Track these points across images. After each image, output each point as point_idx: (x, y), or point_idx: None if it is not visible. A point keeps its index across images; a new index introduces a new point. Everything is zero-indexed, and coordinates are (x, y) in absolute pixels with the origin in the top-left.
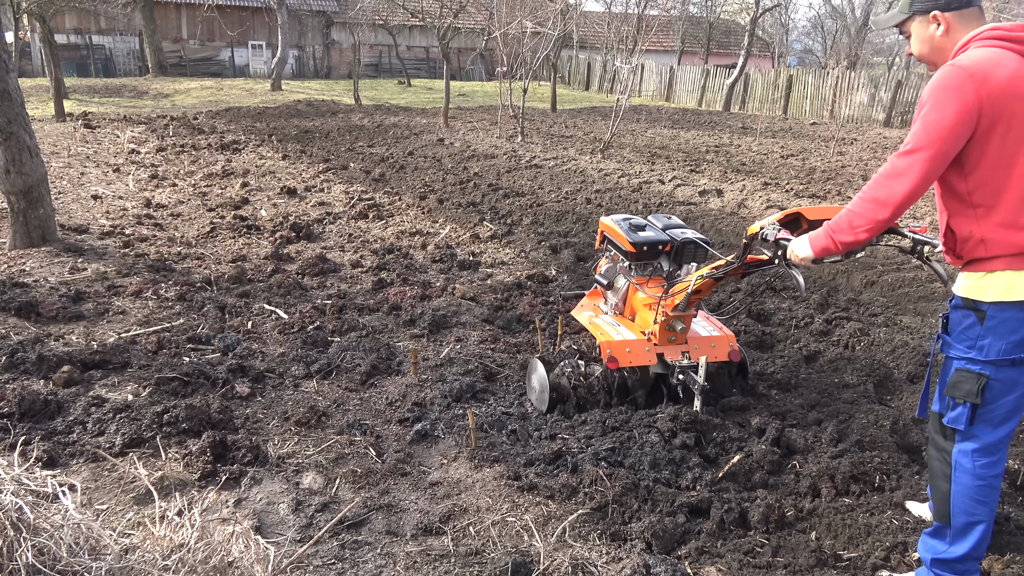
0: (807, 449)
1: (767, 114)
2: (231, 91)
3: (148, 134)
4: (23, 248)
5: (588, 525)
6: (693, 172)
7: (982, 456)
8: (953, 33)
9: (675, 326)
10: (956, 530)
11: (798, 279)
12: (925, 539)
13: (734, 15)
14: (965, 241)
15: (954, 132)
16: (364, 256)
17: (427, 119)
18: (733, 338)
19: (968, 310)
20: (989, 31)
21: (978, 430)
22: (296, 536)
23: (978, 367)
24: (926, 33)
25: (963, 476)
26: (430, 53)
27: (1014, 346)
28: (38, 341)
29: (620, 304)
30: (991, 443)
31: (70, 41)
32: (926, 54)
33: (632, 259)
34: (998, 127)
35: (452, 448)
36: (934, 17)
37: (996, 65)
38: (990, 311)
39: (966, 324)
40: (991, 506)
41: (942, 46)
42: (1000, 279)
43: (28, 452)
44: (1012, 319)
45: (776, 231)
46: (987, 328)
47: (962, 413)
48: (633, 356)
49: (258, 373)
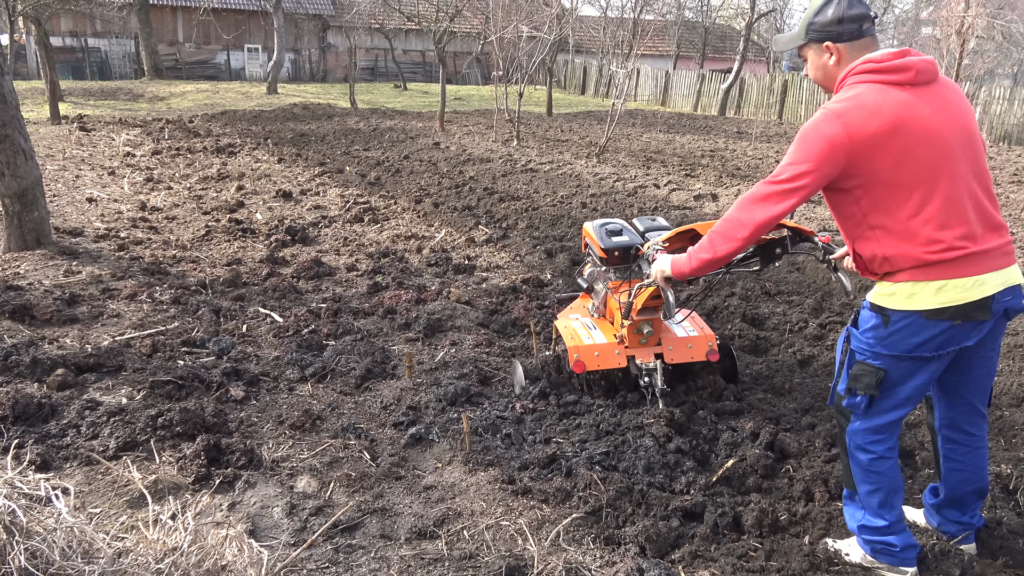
0: (801, 453)
1: (762, 119)
2: (227, 94)
3: (143, 137)
4: (17, 251)
5: (582, 529)
6: (688, 176)
7: (872, 434)
8: (844, 62)
9: (642, 329)
10: (863, 497)
11: (668, 300)
12: (845, 508)
13: (729, 20)
14: (872, 261)
15: (819, 171)
16: (359, 260)
17: (423, 123)
18: (713, 338)
19: (876, 313)
20: (861, 65)
21: (871, 413)
22: (290, 540)
23: (878, 362)
24: (820, 60)
25: (856, 451)
26: (426, 57)
27: (913, 347)
28: (32, 344)
29: (601, 306)
30: (881, 425)
31: (66, 44)
32: (820, 79)
33: (605, 264)
34: (877, 157)
35: (446, 452)
36: (827, 47)
37: (862, 106)
38: (894, 316)
39: (873, 324)
40: (887, 475)
41: (834, 74)
42: (904, 289)
43: (21, 455)
44: (913, 324)
45: (657, 250)
46: (890, 331)
47: (861, 400)
48: (601, 360)
49: (252, 377)
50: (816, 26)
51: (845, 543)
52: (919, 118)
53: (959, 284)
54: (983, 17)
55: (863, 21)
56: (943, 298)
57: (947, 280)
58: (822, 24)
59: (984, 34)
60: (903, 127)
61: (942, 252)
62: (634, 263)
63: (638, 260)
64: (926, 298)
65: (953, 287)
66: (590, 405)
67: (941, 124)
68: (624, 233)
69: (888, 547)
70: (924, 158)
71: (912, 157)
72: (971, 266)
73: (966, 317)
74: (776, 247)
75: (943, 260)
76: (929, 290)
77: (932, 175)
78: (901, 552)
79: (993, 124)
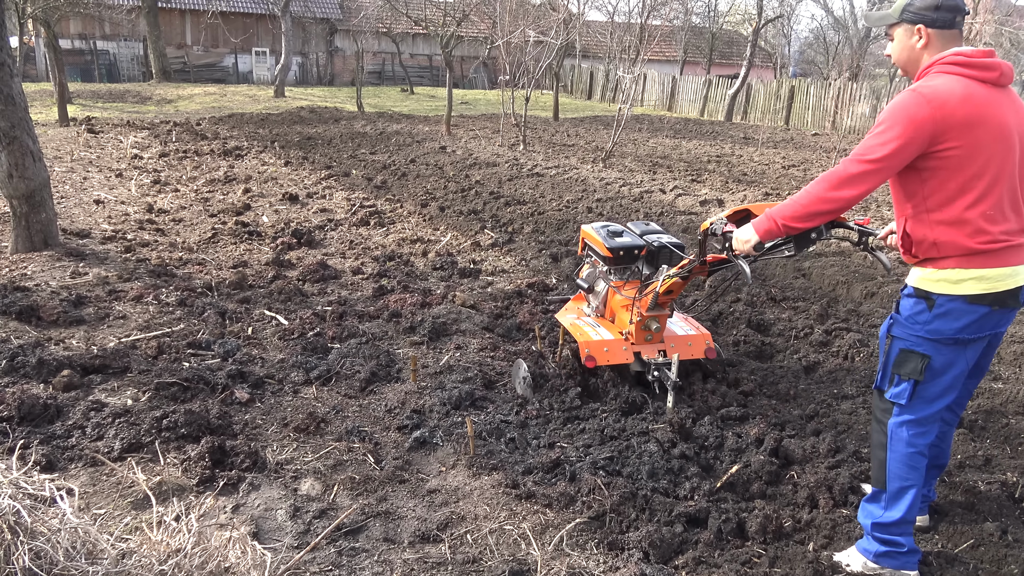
0: (805, 459)
1: (769, 125)
2: (234, 97)
3: (151, 139)
4: (25, 252)
5: (586, 534)
6: (694, 182)
7: (915, 427)
8: (931, 48)
9: (650, 325)
10: (891, 494)
11: (744, 270)
12: (864, 506)
13: (736, 26)
14: (920, 243)
15: (905, 150)
16: (365, 263)
17: (429, 127)
18: (709, 336)
19: (919, 299)
20: (951, 56)
21: (915, 404)
22: (293, 542)
23: (922, 348)
24: (908, 42)
25: (898, 445)
26: (433, 61)
27: (956, 331)
28: (38, 345)
29: (601, 307)
30: (924, 416)
31: (75, 46)
32: (903, 61)
33: (609, 263)
34: (952, 145)
35: (450, 456)
36: (918, 30)
37: (951, 92)
38: (939, 300)
39: (916, 310)
40: (921, 472)
41: (918, 57)
42: (950, 275)
43: (26, 456)
44: (957, 309)
45: (723, 225)
46: (935, 314)
47: (905, 389)
48: (611, 355)
49: (257, 379)
50: (914, 7)
51: (844, 554)
52: (998, 115)
53: (999, 273)
54: (991, 24)
55: (957, 12)
56: (985, 285)
57: (989, 269)
58: (920, 7)
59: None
60: (985, 120)
61: (988, 243)
62: (636, 263)
63: (639, 260)
64: (971, 285)
65: (994, 276)
66: (595, 410)
67: (1011, 125)
68: (625, 235)
69: (895, 547)
70: (994, 153)
71: (985, 150)
72: (1010, 257)
73: (1002, 304)
74: (812, 232)
75: (988, 251)
76: (973, 277)
77: (996, 171)
78: (906, 555)
79: None
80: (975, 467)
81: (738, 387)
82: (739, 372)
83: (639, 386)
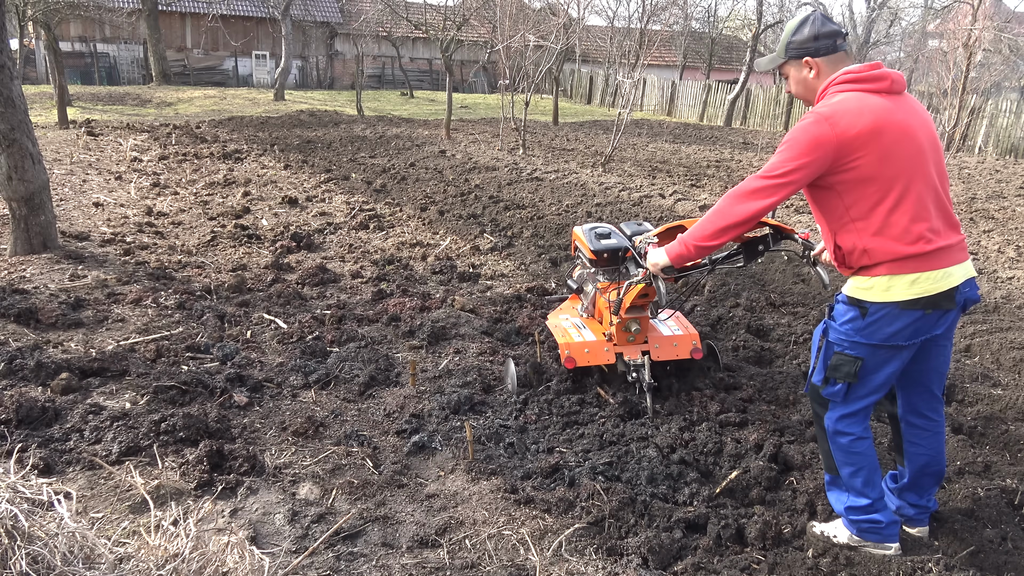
0: (805, 465)
1: (768, 130)
2: (234, 100)
3: (151, 142)
4: (24, 254)
5: (584, 539)
6: (694, 187)
7: (847, 419)
8: (823, 75)
9: (630, 327)
10: (846, 480)
11: (659, 289)
12: (829, 493)
13: (736, 31)
14: (851, 253)
15: (808, 167)
16: (364, 267)
17: (429, 131)
18: (696, 337)
19: (852, 307)
20: (841, 76)
21: (849, 401)
22: (291, 547)
23: (855, 352)
24: (800, 75)
25: (835, 436)
26: (433, 65)
27: (889, 336)
28: (37, 348)
29: (590, 307)
30: (856, 410)
31: (74, 49)
32: (801, 93)
33: (594, 265)
34: (858, 156)
35: (449, 460)
36: (806, 62)
37: (847, 107)
38: (871, 308)
39: (850, 316)
40: (867, 453)
41: (814, 87)
42: (881, 283)
43: (24, 459)
44: (889, 315)
45: (650, 243)
46: (868, 322)
47: (840, 389)
48: (591, 356)
49: (256, 383)
50: (795, 44)
51: (831, 525)
52: (897, 121)
53: (931, 276)
54: (990, 30)
55: (836, 37)
56: (917, 289)
57: (920, 273)
58: (800, 42)
59: (991, 47)
60: (885, 128)
61: (915, 244)
62: (622, 264)
63: (626, 261)
64: (902, 290)
65: (925, 279)
66: (594, 415)
67: (914, 128)
68: (612, 236)
69: (874, 524)
70: (903, 156)
71: (893, 155)
72: (940, 259)
73: (936, 307)
74: (759, 244)
75: (917, 254)
76: (904, 283)
77: (909, 172)
78: (886, 528)
79: (1000, 137)
80: (974, 473)
81: (737, 392)
82: (738, 377)
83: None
